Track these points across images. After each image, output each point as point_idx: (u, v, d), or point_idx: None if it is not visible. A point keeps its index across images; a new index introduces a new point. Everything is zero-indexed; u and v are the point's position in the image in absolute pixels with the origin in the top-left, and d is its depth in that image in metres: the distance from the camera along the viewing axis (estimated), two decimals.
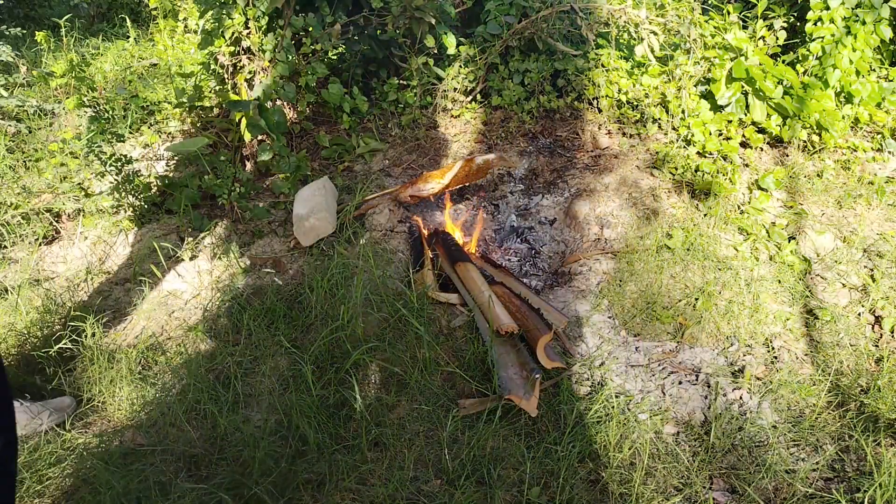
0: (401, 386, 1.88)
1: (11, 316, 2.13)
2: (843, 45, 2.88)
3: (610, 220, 2.61)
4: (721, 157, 2.79)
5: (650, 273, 2.31)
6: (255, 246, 2.53)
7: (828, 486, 1.61)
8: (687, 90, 2.96)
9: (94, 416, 1.86)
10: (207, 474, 1.62)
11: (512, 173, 2.97)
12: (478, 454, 1.65)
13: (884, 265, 2.30)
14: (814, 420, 1.76)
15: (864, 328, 2.10)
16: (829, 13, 2.90)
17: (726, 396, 1.86)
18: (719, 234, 2.48)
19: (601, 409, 1.78)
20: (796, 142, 2.87)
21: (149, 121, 3.30)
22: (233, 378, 1.89)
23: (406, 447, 1.69)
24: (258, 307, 2.15)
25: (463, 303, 2.20)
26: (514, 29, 3.16)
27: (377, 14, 3.18)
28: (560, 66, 3.19)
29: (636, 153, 2.94)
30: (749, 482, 1.60)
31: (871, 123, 2.99)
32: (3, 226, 2.54)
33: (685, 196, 2.68)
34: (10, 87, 3.52)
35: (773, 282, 2.28)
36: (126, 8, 5.40)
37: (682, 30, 2.97)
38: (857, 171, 2.77)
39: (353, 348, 1.93)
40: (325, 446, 1.68)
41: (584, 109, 3.20)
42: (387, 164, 3.00)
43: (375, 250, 2.40)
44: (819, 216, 2.57)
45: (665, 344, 2.06)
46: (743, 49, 2.87)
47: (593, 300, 2.24)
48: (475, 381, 1.89)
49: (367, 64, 3.43)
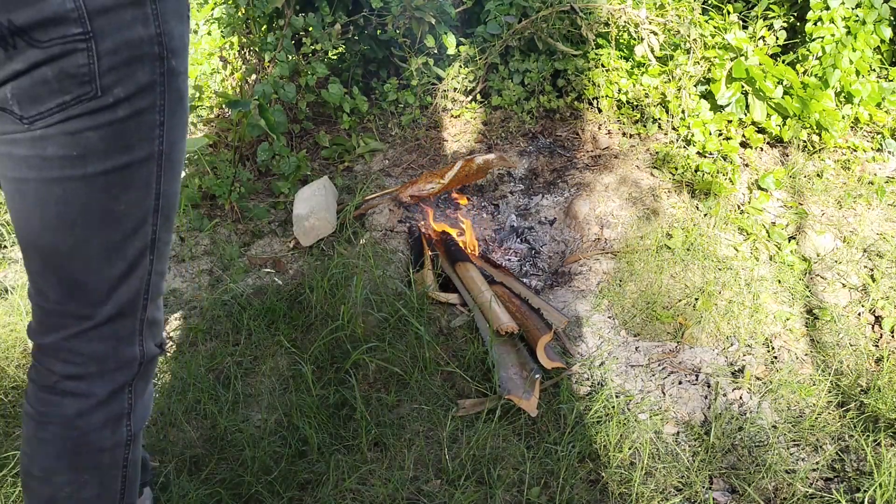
0: (401, 386, 1.88)
1: (11, 316, 2.13)
2: (843, 45, 2.88)
3: (610, 220, 2.61)
4: (721, 157, 2.80)
5: (650, 273, 2.31)
6: (255, 246, 2.53)
7: (828, 486, 1.61)
8: (687, 90, 2.96)
9: None
10: (207, 474, 1.62)
11: (512, 173, 2.97)
12: (478, 454, 1.65)
13: (884, 265, 2.31)
14: (814, 420, 1.77)
15: (864, 328, 2.10)
16: (829, 13, 2.90)
17: (726, 396, 1.86)
18: (719, 234, 2.48)
19: (601, 409, 1.78)
20: (796, 142, 2.87)
21: None
22: (233, 378, 1.89)
23: (406, 447, 1.69)
24: (258, 307, 2.15)
25: (463, 303, 2.20)
26: (514, 29, 3.16)
27: (377, 14, 3.18)
28: (560, 66, 3.19)
29: (636, 153, 2.94)
30: (749, 482, 1.60)
31: (871, 123, 2.99)
32: (3, 226, 2.54)
33: (685, 196, 2.68)
34: None
35: (773, 282, 2.28)
36: None
37: (682, 30, 2.97)
38: (857, 171, 2.77)
39: (353, 348, 1.94)
40: (325, 446, 1.68)
41: (584, 109, 3.20)
42: (387, 164, 3.00)
43: (375, 250, 2.40)
44: (819, 216, 2.57)
45: (665, 344, 2.06)
46: (743, 49, 2.87)
47: (593, 300, 2.24)
48: (475, 381, 1.89)
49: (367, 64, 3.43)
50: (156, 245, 0.87)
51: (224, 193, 2.62)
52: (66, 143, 0.75)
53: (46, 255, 0.82)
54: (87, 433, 0.89)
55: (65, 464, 0.90)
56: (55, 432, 0.88)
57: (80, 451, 0.90)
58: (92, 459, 0.91)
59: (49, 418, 0.89)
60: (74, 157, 0.76)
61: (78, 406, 0.88)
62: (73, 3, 0.69)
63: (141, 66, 0.76)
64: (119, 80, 0.75)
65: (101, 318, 0.87)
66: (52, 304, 0.86)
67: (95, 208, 0.80)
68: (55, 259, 0.82)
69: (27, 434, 0.91)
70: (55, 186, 0.77)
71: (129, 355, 0.91)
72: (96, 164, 0.77)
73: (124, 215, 0.82)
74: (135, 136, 0.79)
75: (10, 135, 0.76)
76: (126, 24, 0.73)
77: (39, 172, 0.77)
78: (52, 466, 0.90)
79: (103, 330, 0.88)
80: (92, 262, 0.83)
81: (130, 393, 0.93)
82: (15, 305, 2.17)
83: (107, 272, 0.84)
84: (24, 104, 0.73)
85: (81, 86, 0.73)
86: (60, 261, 0.82)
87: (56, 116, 0.74)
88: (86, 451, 0.90)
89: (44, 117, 0.74)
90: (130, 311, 0.89)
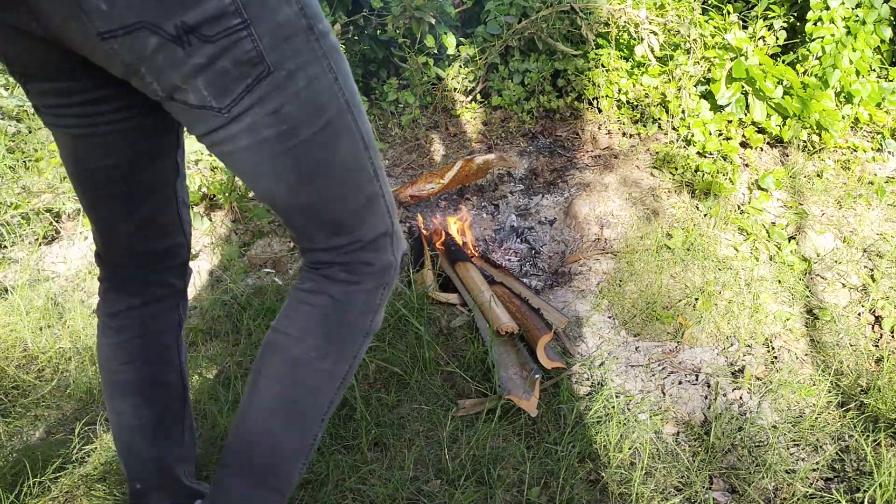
0: (401, 386, 1.88)
1: (11, 316, 2.13)
2: (843, 45, 2.88)
3: (610, 220, 2.61)
4: (721, 157, 2.80)
5: (650, 273, 2.31)
6: (255, 246, 2.53)
7: (828, 486, 1.61)
8: (687, 90, 2.96)
9: (94, 415, 1.86)
10: (207, 474, 1.62)
11: (512, 173, 2.97)
12: (478, 454, 1.65)
13: (884, 265, 2.31)
14: (814, 420, 1.77)
15: (864, 328, 2.10)
16: (829, 13, 2.90)
17: (726, 396, 1.86)
18: (719, 234, 2.48)
19: (601, 409, 1.78)
20: (796, 142, 2.88)
21: None
22: (233, 378, 1.89)
23: (406, 447, 1.69)
24: (258, 307, 2.15)
25: (463, 303, 2.20)
26: (514, 29, 3.16)
27: (377, 14, 3.18)
28: (560, 66, 3.19)
29: (636, 153, 2.94)
30: (749, 482, 1.60)
31: (871, 123, 2.99)
32: (3, 226, 2.54)
33: (685, 196, 2.68)
34: (10, 87, 3.52)
35: (773, 282, 2.28)
36: None
37: (682, 30, 2.97)
38: (857, 171, 2.77)
39: None
40: (325, 446, 1.68)
41: (584, 109, 3.20)
42: (387, 164, 3.00)
43: None
44: (819, 216, 2.57)
45: (665, 344, 2.06)
46: (743, 49, 2.87)
47: (593, 300, 2.24)
48: (475, 381, 1.89)
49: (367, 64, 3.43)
50: (377, 172, 1.04)
51: (224, 193, 2.62)
52: (274, 121, 0.89)
53: (304, 211, 0.99)
54: (348, 311, 1.06)
55: (322, 330, 1.06)
56: (324, 302, 1.05)
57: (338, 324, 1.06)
58: (341, 334, 1.07)
59: (323, 289, 1.06)
60: (286, 131, 0.90)
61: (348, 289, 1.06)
62: None
63: (298, 40, 0.88)
64: (284, 55, 0.87)
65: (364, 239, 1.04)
66: (322, 244, 1.03)
67: (323, 162, 0.95)
68: (311, 212, 0.99)
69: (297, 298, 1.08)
70: (285, 159, 0.92)
71: (387, 261, 1.09)
72: (306, 130, 0.92)
73: (346, 159, 0.98)
74: (322, 97, 0.92)
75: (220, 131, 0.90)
76: (273, 6, 0.85)
77: (268, 154, 0.91)
78: (309, 329, 1.06)
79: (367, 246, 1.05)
80: (340, 203, 1.00)
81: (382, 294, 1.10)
82: (15, 305, 2.17)
83: (354, 205, 1.01)
84: (217, 96, 0.86)
85: (255, 66, 0.85)
86: (316, 211, 0.99)
87: (246, 100, 0.87)
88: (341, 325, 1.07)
89: (236, 103, 0.86)
90: (382, 228, 1.06)
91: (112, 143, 1.04)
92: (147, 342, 1.23)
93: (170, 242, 1.20)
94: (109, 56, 0.83)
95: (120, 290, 1.20)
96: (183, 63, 0.83)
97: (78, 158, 1.06)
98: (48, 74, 0.95)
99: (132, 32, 0.80)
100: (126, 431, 1.26)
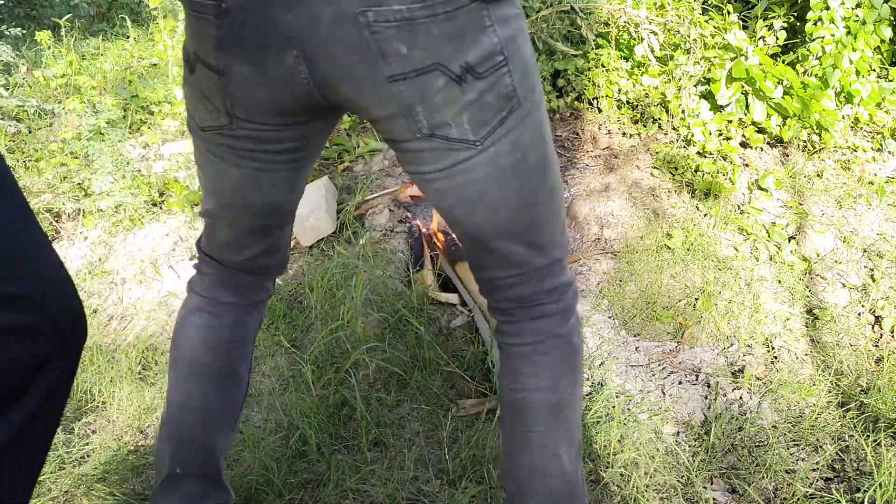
0: (401, 386, 1.88)
1: None
2: (843, 46, 2.88)
3: (610, 220, 2.61)
4: (721, 157, 2.80)
5: (650, 273, 2.31)
6: None
7: (828, 486, 1.61)
8: (687, 90, 2.96)
9: (94, 415, 1.86)
10: None
11: None
12: (478, 454, 1.65)
13: (884, 265, 2.31)
14: (814, 420, 1.77)
15: (864, 328, 2.10)
16: (829, 13, 2.90)
17: (726, 396, 1.86)
18: (719, 234, 2.48)
19: (601, 409, 1.78)
20: (796, 142, 2.87)
21: (149, 121, 3.30)
22: None
23: (406, 447, 1.69)
24: None
25: (463, 303, 2.20)
26: None
27: None
28: (560, 66, 3.19)
29: (636, 153, 2.94)
30: (749, 482, 1.60)
31: (871, 123, 2.99)
32: None
33: (685, 196, 2.68)
34: (10, 87, 3.52)
35: (773, 282, 2.28)
36: (126, 8, 5.41)
37: (682, 30, 2.97)
38: (857, 171, 2.77)
39: (352, 348, 1.93)
40: (326, 446, 1.68)
41: (584, 109, 3.20)
42: (387, 165, 3.00)
43: (375, 250, 2.40)
44: (819, 216, 2.57)
45: (665, 344, 2.06)
46: (743, 49, 2.87)
47: (593, 300, 2.24)
48: (475, 381, 1.89)
49: None
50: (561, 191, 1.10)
51: None
52: (511, 150, 0.95)
53: (512, 235, 1.03)
54: (573, 337, 1.11)
55: (567, 366, 1.10)
56: (553, 344, 1.09)
57: (572, 353, 1.11)
58: (577, 358, 1.12)
59: (544, 336, 1.09)
60: (519, 159, 0.96)
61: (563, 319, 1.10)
62: (496, 38, 0.87)
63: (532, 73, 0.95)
64: (526, 87, 0.94)
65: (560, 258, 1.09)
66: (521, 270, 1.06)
67: (541, 185, 1.01)
68: (518, 234, 1.03)
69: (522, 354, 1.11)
70: (511, 185, 0.97)
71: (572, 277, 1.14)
72: (532, 157, 0.98)
73: (556, 183, 1.04)
74: (542, 126, 0.99)
75: (464, 163, 0.94)
76: (521, 43, 0.92)
77: (498, 181, 0.96)
78: (558, 373, 1.09)
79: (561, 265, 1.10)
80: (546, 223, 1.05)
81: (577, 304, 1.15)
82: None
83: (555, 225, 1.07)
84: (476, 129, 0.91)
85: (510, 100, 0.92)
86: (524, 233, 1.03)
87: (498, 132, 0.92)
88: (575, 352, 1.12)
89: (489, 134, 0.92)
90: (567, 248, 1.13)
91: (278, 181, 1.08)
92: (236, 333, 1.27)
93: (283, 258, 1.29)
94: (387, 98, 0.87)
95: (227, 286, 1.25)
96: (457, 100, 0.88)
97: (238, 192, 1.09)
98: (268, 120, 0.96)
99: (424, 74, 0.85)
100: (187, 413, 1.26)
